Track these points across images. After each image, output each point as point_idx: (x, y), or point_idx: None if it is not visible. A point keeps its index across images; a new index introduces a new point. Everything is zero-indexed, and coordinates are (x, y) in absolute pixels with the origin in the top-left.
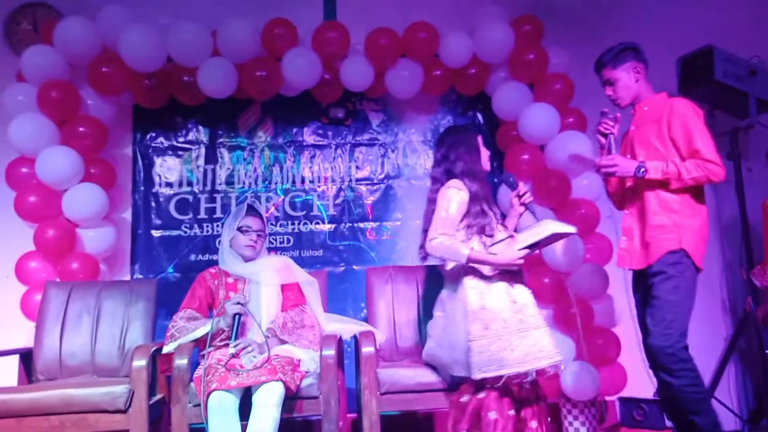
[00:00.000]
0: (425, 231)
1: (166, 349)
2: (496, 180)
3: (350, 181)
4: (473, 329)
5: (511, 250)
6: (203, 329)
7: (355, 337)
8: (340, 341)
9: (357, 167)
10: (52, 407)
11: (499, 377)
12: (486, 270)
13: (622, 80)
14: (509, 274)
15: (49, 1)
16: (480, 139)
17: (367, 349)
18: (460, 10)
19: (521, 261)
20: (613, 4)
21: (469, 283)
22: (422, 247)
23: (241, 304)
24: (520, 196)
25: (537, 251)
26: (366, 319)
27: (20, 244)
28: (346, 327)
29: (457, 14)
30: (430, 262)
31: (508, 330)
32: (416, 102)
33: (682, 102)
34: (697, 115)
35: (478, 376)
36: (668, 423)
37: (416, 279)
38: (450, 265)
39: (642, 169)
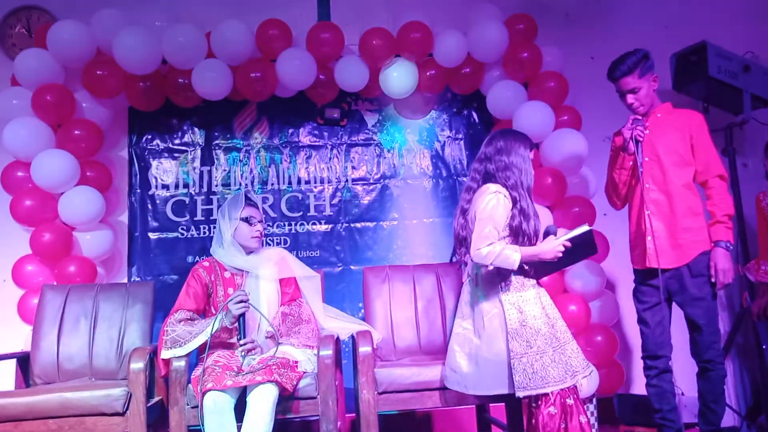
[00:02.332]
0: (458, 237)
1: (164, 355)
2: None
3: (346, 181)
4: (514, 346)
5: (551, 242)
6: (202, 337)
7: (352, 337)
8: (337, 341)
9: (353, 167)
10: (49, 411)
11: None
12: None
13: (645, 89)
14: (536, 279)
15: (43, 5)
16: (533, 155)
17: (364, 349)
18: (454, 9)
19: (561, 248)
20: (606, 2)
21: (507, 298)
22: (455, 254)
23: (244, 302)
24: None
25: (571, 261)
26: (363, 319)
27: (17, 247)
28: (343, 326)
29: (451, 13)
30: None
31: (549, 346)
32: (411, 102)
33: (701, 117)
34: (707, 130)
35: (521, 394)
36: None
37: (413, 278)
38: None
39: (727, 244)
